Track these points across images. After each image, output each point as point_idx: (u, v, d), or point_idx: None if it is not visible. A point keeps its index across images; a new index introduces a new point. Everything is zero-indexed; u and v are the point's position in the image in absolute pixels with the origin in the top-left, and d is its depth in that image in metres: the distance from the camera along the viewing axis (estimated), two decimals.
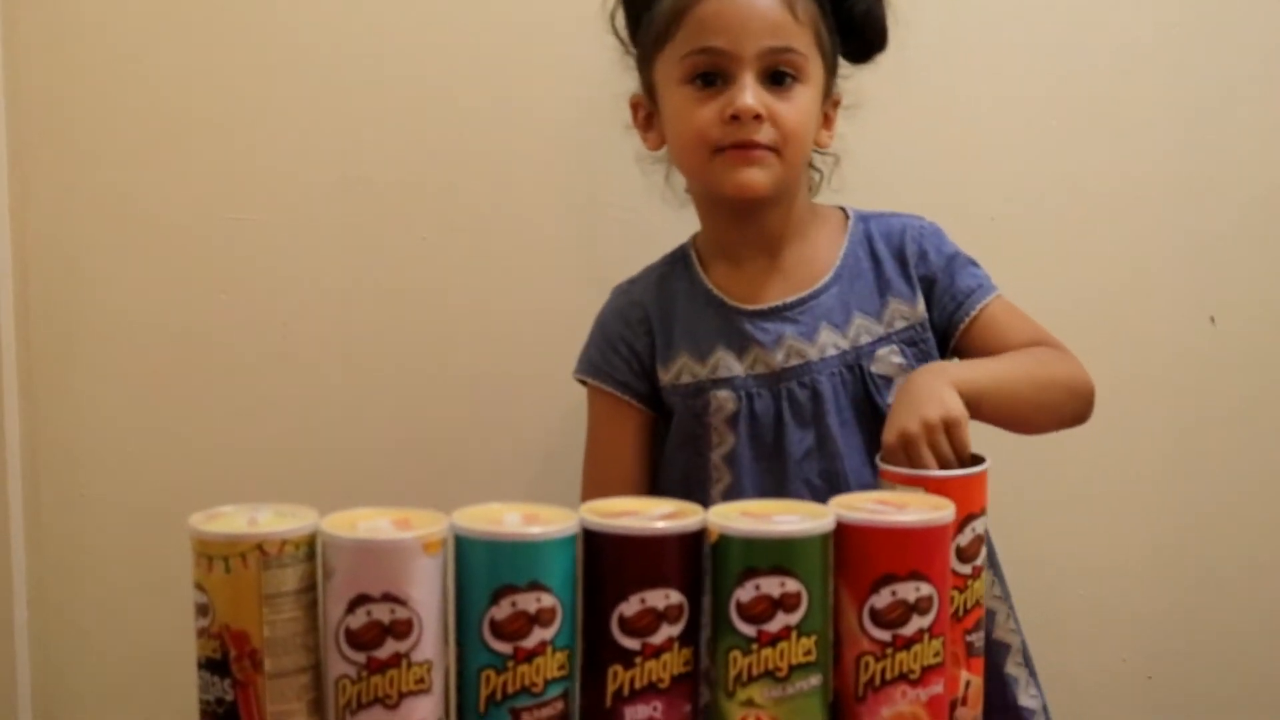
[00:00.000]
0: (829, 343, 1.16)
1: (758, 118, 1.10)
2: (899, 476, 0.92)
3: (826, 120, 1.19)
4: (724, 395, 1.16)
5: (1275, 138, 1.53)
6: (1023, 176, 1.49)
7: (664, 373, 1.19)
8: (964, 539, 0.86)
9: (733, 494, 1.15)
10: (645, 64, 1.19)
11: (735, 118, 1.10)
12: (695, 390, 1.17)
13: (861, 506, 0.79)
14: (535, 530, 0.74)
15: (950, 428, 0.99)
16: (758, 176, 1.12)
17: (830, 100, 1.19)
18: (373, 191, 1.40)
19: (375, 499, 0.79)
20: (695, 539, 0.75)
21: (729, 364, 1.16)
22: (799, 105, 1.12)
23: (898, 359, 1.15)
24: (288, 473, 1.40)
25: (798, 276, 1.18)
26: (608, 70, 1.41)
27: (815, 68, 1.14)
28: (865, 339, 1.16)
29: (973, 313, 1.17)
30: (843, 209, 1.24)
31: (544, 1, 1.41)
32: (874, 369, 1.15)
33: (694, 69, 1.12)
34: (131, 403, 1.40)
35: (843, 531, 0.76)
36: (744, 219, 1.17)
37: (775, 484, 1.15)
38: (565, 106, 1.42)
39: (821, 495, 1.09)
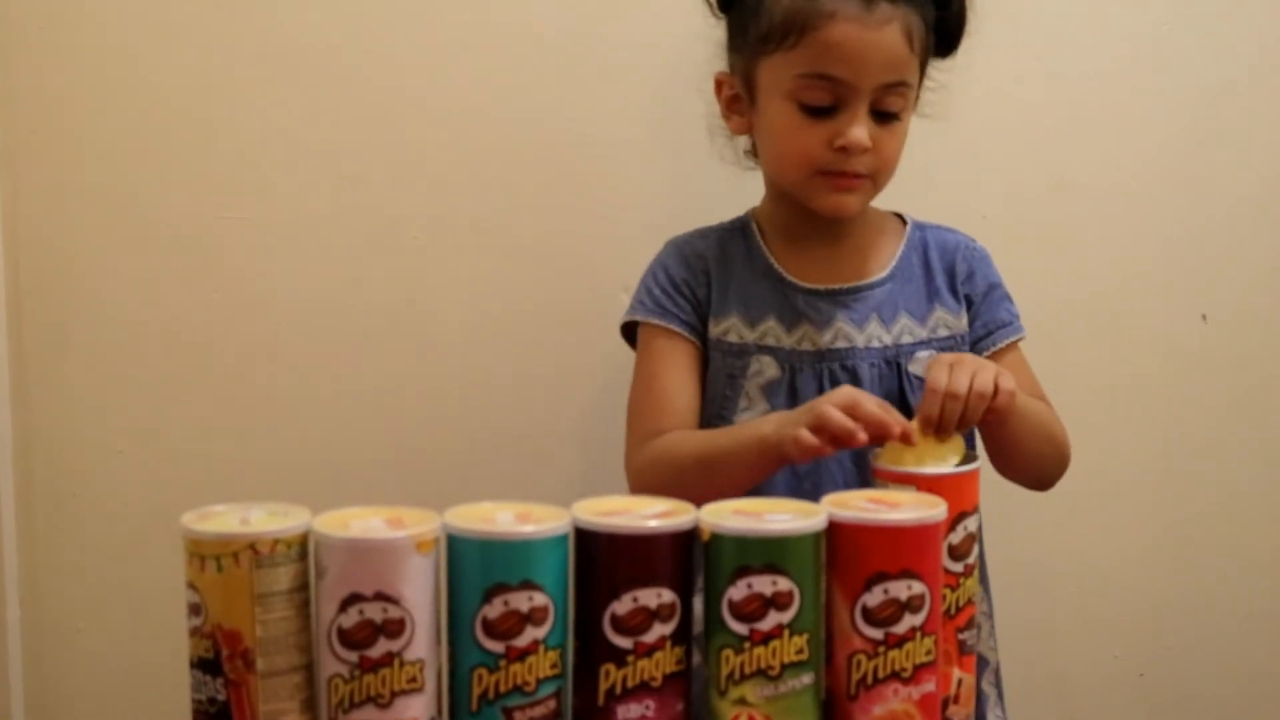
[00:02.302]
0: (874, 335, 1.17)
1: (863, 151, 1.11)
2: (891, 474, 0.92)
3: None
4: (767, 361, 1.17)
5: (1268, 136, 1.53)
6: (1016, 175, 1.49)
7: (714, 325, 1.20)
8: (956, 537, 0.86)
9: None
10: (744, 52, 1.17)
11: (843, 149, 1.11)
12: (739, 351, 1.18)
13: (853, 505, 0.79)
14: (528, 529, 0.74)
15: (999, 393, 1.01)
16: (852, 202, 1.15)
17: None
18: (365, 190, 1.40)
19: (367, 498, 0.79)
20: (688, 537, 0.75)
21: (777, 334, 1.18)
22: (899, 136, 1.15)
23: None
24: (280, 472, 1.40)
25: (852, 266, 1.20)
26: (595, 69, 1.41)
27: (914, 92, 1.16)
28: (907, 339, 1.18)
29: (999, 345, 1.20)
30: (899, 215, 1.25)
31: (531, 3, 1.41)
32: (911, 369, 1.17)
33: (809, 93, 1.11)
34: (123, 402, 1.40)
35: (835, 530, 0.76)
36: (817, 214, 1.19)
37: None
38: (555, 106, 1.41)
39: (851, 476, 1.12)
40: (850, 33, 1.09)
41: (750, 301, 1.19)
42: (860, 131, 1.10)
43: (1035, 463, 1.17)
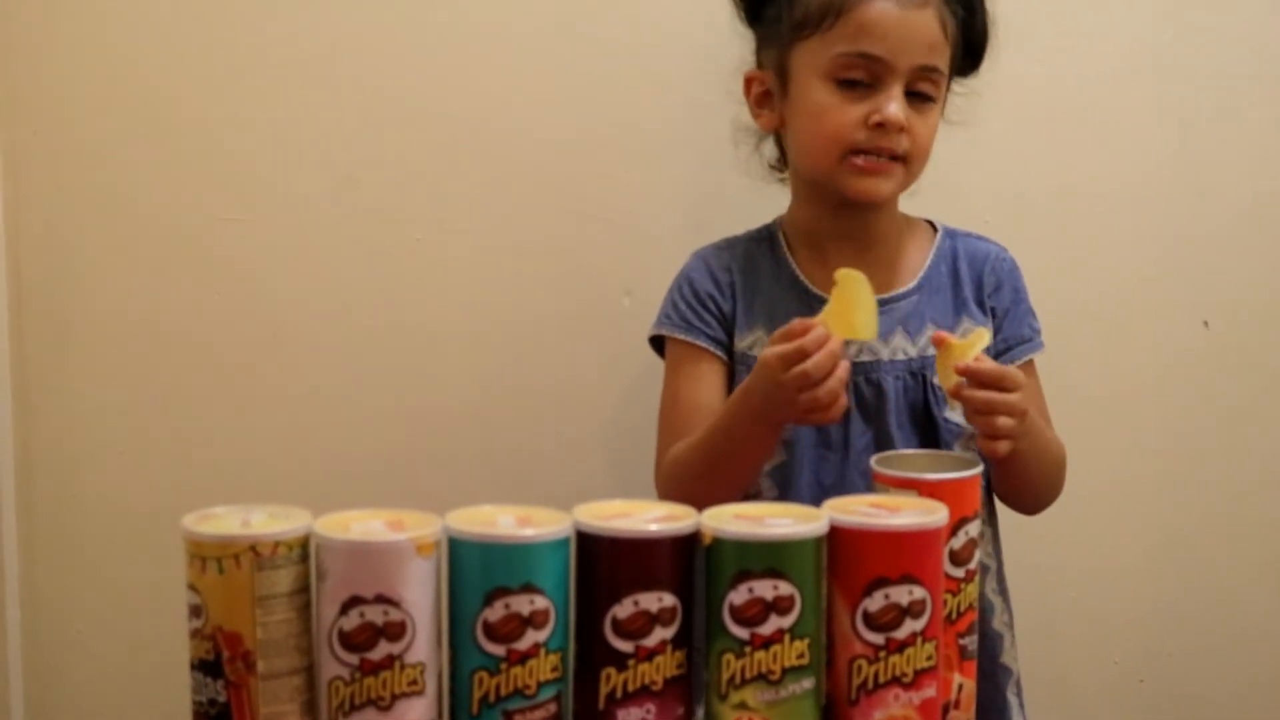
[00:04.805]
0: (899, 347, 1.18)
1: (899, 129, 1.12)
2: (892, 479, 0.92)
3: None
4: None
5: (1269, 142, 1.53)
6: (1018, 180, 1.49)
7: (739, 339, 1.20)
8: (957, 542, 0.86)
9: (783, 473, 1.17)
10: (776, 44, 1.18)
11: (880, 125, 1.11)
12: None
13: (855, 510, 0.79)
14: (528, 532, 0.74)
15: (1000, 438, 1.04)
16: (883, 186, 1.15)
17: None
18: (365, 193, 1.40)
19: (368, 500, 0.79)
20: (689, 541, 0.75)
21: None
22: (931, 123, 1.15)
23: None
24: (281, 474, 1.40)
25: (880, 277, 1.19)
26: (597, 73, 1.42)
27: (946, 84, 1.17)
28: (933, 351, 1.16)
29: (1017, 361, 1.20)
30: (930, 222, 1.25)
31: (534, 6, 1.41)
32: (936, 381, 1.16)
33: (846, 71, 1.12)
34: (125, 403, 1.40)
35: (836, 535, 0.76)
36: (846, 213, 1.19)
37: (833, 471, 1.16)
38: (556, 109, 1.41)
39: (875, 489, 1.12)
40: (888, 11, 1.11)
41: (775, 314, 1.18)
42: (896, 108, 1.11)
43: (1029, 493, 1.19)
